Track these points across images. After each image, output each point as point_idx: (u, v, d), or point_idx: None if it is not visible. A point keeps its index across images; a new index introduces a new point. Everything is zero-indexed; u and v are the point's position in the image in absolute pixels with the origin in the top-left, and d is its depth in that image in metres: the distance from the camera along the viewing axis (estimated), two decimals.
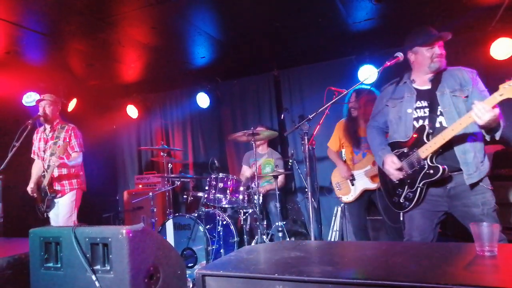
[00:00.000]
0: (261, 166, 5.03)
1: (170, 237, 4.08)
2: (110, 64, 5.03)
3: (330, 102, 2.89)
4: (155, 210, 4.54)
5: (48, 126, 4.18)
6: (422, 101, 2.52)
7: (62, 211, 4.04)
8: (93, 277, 1.91)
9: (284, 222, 4.40)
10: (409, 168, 2.48)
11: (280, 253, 1.78)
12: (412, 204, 2.49)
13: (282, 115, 5.27)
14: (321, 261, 1.62)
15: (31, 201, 4.04)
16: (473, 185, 2.35)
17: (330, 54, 5.06)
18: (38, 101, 4.13)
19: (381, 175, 2.75)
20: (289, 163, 4.81)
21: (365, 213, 4.01)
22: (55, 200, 4.04)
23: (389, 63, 2.52)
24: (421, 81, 2.58)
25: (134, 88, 6.11)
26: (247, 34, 4.32)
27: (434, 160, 2.39)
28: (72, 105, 5.80)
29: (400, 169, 2.51)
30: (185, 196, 4.59)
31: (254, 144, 4.17)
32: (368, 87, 3.53)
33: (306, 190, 3.05)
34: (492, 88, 4.47)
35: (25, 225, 3.57)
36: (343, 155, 4.20)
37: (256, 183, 4.15)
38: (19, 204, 4.63)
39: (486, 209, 2.31)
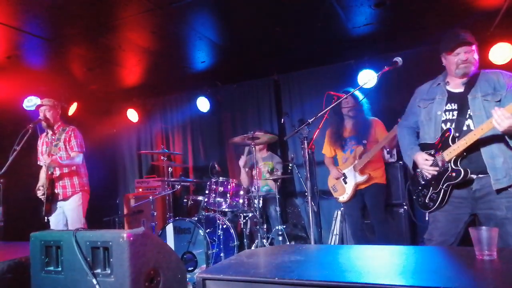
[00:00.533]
0: (261, 170, 5.04)
1: (170, 241, 4.09)
2: (110, 69, 5.05)
3: (330, 107, 2.91)
4: (155, 214, 4.54)
5: (50, 131, 4.19)
6: (452, 104, 2.50)
7: (70, 216, 4.03)
8: (94, 281, 1.92)
9: (284, 226, 4.41)
10: (443, 170, 2.49)
11: (280, 257, 1.78)
12: (436, 205, 2.50)
13: (282, 119, 5.29)
14: (321, 265, 1.63)
15: (31, 205, 4.05)
16: (499, 190, 2.33)
17: (330, 59, 5.08)
18: (38, 106, 4.14)
19: (411, 175, 2.75)
20: (289, 167, 4.82)
21: (360, 215, 4.08)
22: (60, 204, 4.03)
23: (387, 68, 2.53)
24: (455, 84, 2.56)
25: (134, 92, 6.13)
26: (247, 39, 4.34)
27: (458, 163, 2.39)
28: (72, 109, 5.82)
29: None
30: (185, 200, 4.60)
31: (254, 148, 4.19)
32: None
33: (306, 194, 3.07)
34: None
35: (25, 228, 3.59)
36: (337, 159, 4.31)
37: (256, 187, 4.16)
38: (19, 208, 4.63)
39: (510, 213, 2.30)
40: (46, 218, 4.01)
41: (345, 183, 4.03)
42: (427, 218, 2.62)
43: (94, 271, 1.94)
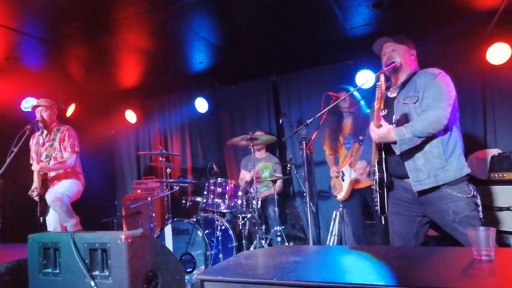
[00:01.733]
0: (259, 171, 5.03)
1: (169, 242, 4.08)
2: (108, 70, 5.05)
3: (328, 107, 2.91)
4: (153, 215, 4.54)
5: (45, 131, 4.19)
6: (384, 110, 2.50)
7: (59, 188, 3.93)
8: (92, 283, 1.91)
9: (283, 227, 4.41)
10: (372, 174, 2.56)
11: (278, 258, 1.78)
12: (380, 209, 2.53)
13: (280, 120, 5.29)
14: (319, 266, 1.62)
15: (29, 207, 4.04)
16: (424, 191, 2.34)
17: (328, 59, 5.08)
18: (34, 107, 4.14)
19: None
20: (288, 168, 4.82)
21: (362, 213, 4.05)
22: (52, 188, 3.96)
23: (386, 69, 2.53)
24: (394, 88, 2.60)
25: (132, 93, 6.12)
26: (245, 40, 4.34)
27: (383, 167, 2.44)
28: (70, 110, 5.81)
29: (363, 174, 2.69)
30: (183, 201, 4.59)
31: (252, 149, 4.18)
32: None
33: (305, 194, 3.07)
34: (490, 92, 4.52)
35: (23, 230, 3.58)
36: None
37: (255, 187, 4.15)
38: (17, 210, 4.62)
39: (457, 218, 2.27)
40: (41, 218, 3.98)
41: (343, 180, 4.02)
42: (382, 223, 2.65)
43: (92, 273, 1.94)
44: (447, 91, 2.32)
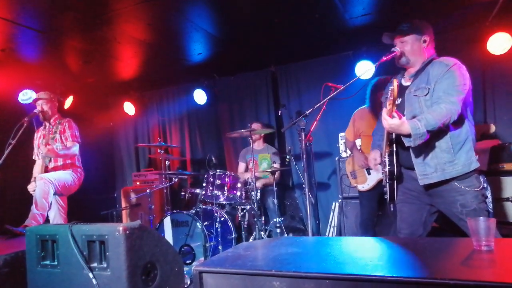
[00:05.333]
0: (258, 162, 5.02)
1: (168, 234, 4.08)
2: (106, 61, 5.00)
3: (327, 98, 2.88)
4: (153, 207, 4.54)
5: (47, 123, 4.20)
6: (399, 99, 2.45)
7: (51, 174, 3.92)
8: (90, 275, 1.91)
9: (282, 218, 4.41)
10: (383, 164, 2.55)
11: (277, 249, 1.78)
12: (389, 198, 2.53)
13: (280, 111, 5.27)
14: (318, 257, 1.62)
15: (28, 199, 4.03)
16: (448, 186, 2.31)
17: (327, 50, 5.05)
18: (35, 100, 4.14)
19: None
20: (286, 159, 4.81)
21: (376, 206, 3.95)
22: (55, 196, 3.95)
23: (385, 58, 2.49)
24: (408, 76, 2.55)
25: (131, 85, 6.09)
26: (244, 30, 4.30)
27: (394, 158, 2.43)
28: (68, 102, 5.78)
29: (377, 164, 2.67)
30: (182, 193, 4.58)
31: (251, 141, 4.17)
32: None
33: (304, 186, 3.06)
34: (490, 83, 4.50)
35: (22, 223, 3.58)
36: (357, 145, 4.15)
37: (253, 179, 4.14)
38: (15, 202, 4.61)
39: (465, 210, 2.26)
40: None
41: (369, 174, 3.89)
42: (391, 210, 2.64)
43: (90, 265, 1.94)
44: (460, 84, 2.26)
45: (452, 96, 2.23)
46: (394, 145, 2.44)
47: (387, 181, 2.50)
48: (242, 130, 4.09)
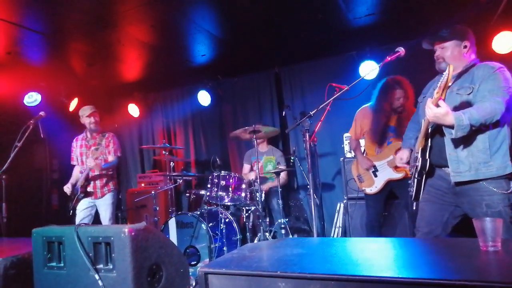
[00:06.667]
0: (263, 164, 5.02)
1: (173, 236, 4.09)
2: (110, 64, 5.03)
3: (331, 98, 2.87)
4: (157, 208, 4.55)
5: (89, 134, 4.43)
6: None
7: (104, 213, 4.30)
8: (96, 276, 1.91)
9: (287, 219, 4.40)
10: (413, 160, 2.55)
11: (282, 250, 1.78)
12: (413, 195, 2.53)
13: (284, 112, 5.26)
14: (323, 258, 1.61)
15: (34, 201, 4.06)
16: (476, 185, 2.30)
17: (331, 50, 5.04)
18: (91, 114, 4.35)
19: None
20: (291, 160, 4.80)
21: (383, 207, 3.94)
22: (93, 202, 4.29)
23: (390, 58, 2.50)
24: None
25: (135, 87, 6.11)
26: (247, 32, 4.31)
27: (426, 155, 2.42)
28: (73, 105, 5.80)
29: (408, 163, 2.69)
30: (187, 194, 4.59)
31: (255, 142, 4.17)
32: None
33: (308, 187, 3.05)
34: None
35: (28, 225, 3.60)
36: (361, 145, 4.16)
37: (258, 180, 4.14)
38: (22, 204, 4.64)
39: (490, 211, 2.25)
40: (71, 211, 4.20)
41: (375, 176, 3.87)
42: (414, 208, 2.63)
43: (96, 266, 1.95)
44: (506, 86, 2.27)
45: (498, 96, 2.22)
46: (430, 140, 2.42)
47: (416, 177, 2.50)
48: (246, 128, 4.07)
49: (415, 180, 2.51)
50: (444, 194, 2.47)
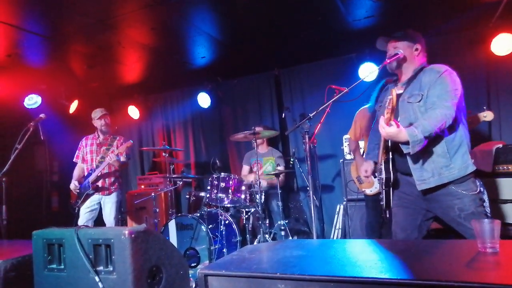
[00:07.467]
0: (262, 165, 5.03)
1: (173, 237, 4.09)
2: (110, 66, 5.04)
3: (331, 101, 2.88)
4: (157, 210, 4.55)
5: (101, 135, 4.56)
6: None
7: (109, 210, 4.40)
8: (96, 278, 1.92)
9: (287, 221, 4.40)
10: (379, 173, 2.56)
11: (282, 252, 1.78)
12: (384, 205, 2.55)
13: (283, 114, 5.27)
14: (323, 260, 1.62)
15: (34, 203, 4.06)
16: (445, 190, 2.32)
17: (330, 52, 5.06)
18: (103, 116, 4.53)
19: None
20: (291, 162, 4.81)
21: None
22: (99, 199, 4.39)
23: (389, 60, 2.50)
24: (400, 84, 2.56)
25: (135, 89, 6.12)
26: (247, 34, 4.32)
27: (390, 167, 2.45)
28: (73, 106, 5.81)
29: (368, 176, 2.79)
30: (187, 196, 4.59)
31: (255, 143, 4.17)
32: None
33: (308, 188, 3.06)
34: (494, 84, 4.48)
35: (28, 227, 3.60)
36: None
37: (258, 182, 4.15)
38: (22, 206, 4.64)
39: (463, 214, 2.26)
40: (76, 209, 4.36)
41: (375, 177, 3.91)
42: (387, 216, 2.64)
43: (96, 268, 1.95)
44: (452, 89, 2.28)
45: (446, 101, 2.24)
46: (390, 152, 2.45)
47: (383, 188, 2.52)
48: (246, 132, 4.09)
49: (383, 191, 2.53)
50: (415, 199, 2.48)
